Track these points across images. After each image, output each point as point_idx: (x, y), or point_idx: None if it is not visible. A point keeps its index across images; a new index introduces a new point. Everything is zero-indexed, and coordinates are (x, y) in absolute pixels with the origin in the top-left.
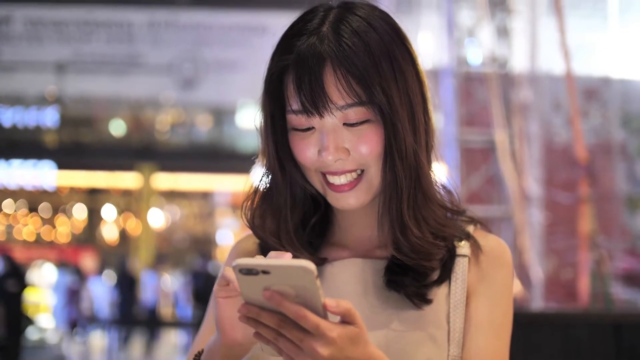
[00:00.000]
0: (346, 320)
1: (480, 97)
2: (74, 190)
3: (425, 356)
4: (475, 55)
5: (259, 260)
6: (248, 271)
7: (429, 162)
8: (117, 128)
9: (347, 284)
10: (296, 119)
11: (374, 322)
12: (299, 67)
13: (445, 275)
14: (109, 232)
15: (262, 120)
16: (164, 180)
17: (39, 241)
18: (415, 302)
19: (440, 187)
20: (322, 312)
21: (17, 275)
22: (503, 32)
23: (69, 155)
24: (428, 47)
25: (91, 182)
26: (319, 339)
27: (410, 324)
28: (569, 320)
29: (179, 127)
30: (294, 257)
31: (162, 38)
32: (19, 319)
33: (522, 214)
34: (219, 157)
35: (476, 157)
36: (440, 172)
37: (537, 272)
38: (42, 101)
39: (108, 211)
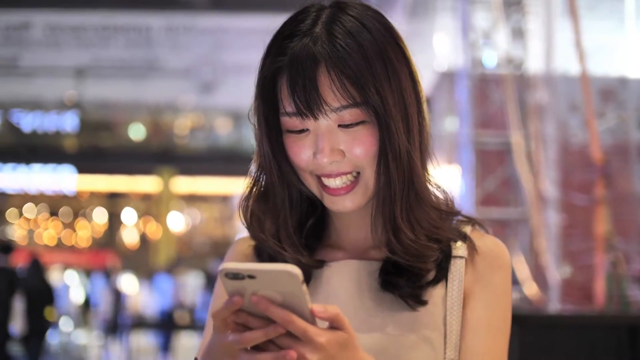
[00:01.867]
0: (335, 325)
1: (495, 99)
2: (94, 195)
3: (421, 359)
4: (491, 57)
5: (244, 265)
6: (234, 276)
7: (423, 163)
8: (137, 132)
9: (342, 286)
10: (290, 122)
11: (369, 324)
12: (293, 69)
13: (441, 275)
14: (129, 236)
15: (256, 123)
16: (184, 184)
17: (59, 245)
18: (410, 304)
19: (435, 188)
20: (310, 318)
21: (40, 277)
22: (518, 34)
23: (89, 159)
24: (443, 49)
25: (111, 186)
26: (308, 345)
27: (405, 327)
28: (584, 322)
29: (198, 131)
30: (296, 259)
31: (180, 42)
32: (42, 320)
33: (539, 216)
34: (239, 160)
35: (492, 159)
36: (447, 173)
37: (554, 274)
38: (61, 106)
39: (128, 215)
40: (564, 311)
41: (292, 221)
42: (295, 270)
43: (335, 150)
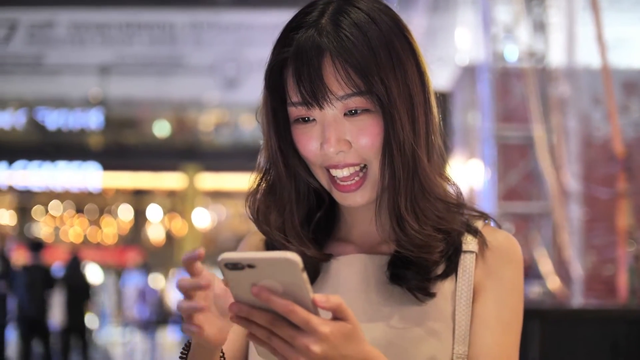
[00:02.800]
0: (338, 316)
1: (517, 92)
2: (119, 192)
3: (428, 353)
4: (512, 50)
5: (243, 254)
6: (233, 266)
7: (429, 154)
8: (161, 129)
9: (350, 280)
10: (297, 112)
11: (376, 317)
12: (298, 59)
13: (450, 270)
14: (155, 232)
15: (264, 115)
16: (209, 181)
17: (85, 242)
18: (418, 296)
19: (443, 179)
20: (313, 308)
21: (79, 273)
22: (540, 27)
23: (114, 156)
24: (465, 43)
25: (136, 183)
26: (311, 336)
27: (413, 320)
28: (607, 316)
29: (223, 127)
30: (302, 252)
31: (204, 39)
32: (81, 315)
33: (561, 210)
34: None
35: (514, 153)
36: (470, 167)
37: (577, 268)
38: (86, 104)
39: (153, 212)
40: (587, 305)
41: (298, 214)
42: (295, 257)
43: (341, 140)
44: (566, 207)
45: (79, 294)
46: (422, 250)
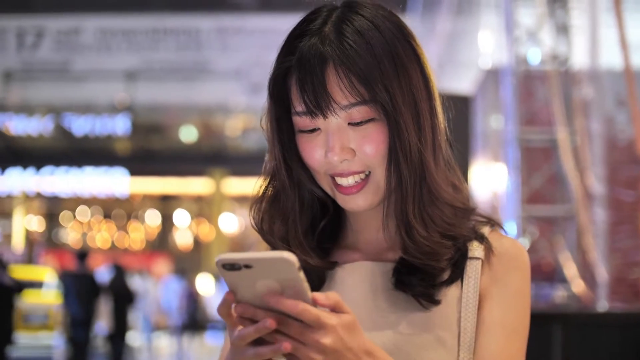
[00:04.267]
0: (337, 312)
1: (540, 95)
2: (146, 197)
3: (433, 359)
4: (535, 53)
5: (240, 255)
6: (231, 266)
7: (436, 160)
8: (188, 134)
9: (355, 288)
10: (301, 121)
11: (381, 324)
12: (301, 68)
13: (456, 275)
14: (182, 237)
15: (268, 124)
16: (235, 185)
17: (113, 248)
18: (423, 303)
19: (451, 185)
20: (312, 305)
21: (122, 280)
22: (563, 30)
23: (141, 162)
24: (488, 47)
25: (163, 189)
26: (320, 330)
27: (418, 326)
28: (632, 320)
29: (249, 132)
30: (305, 261)
31: (230, 44)
32: (125, 321)
33: (586, 213)
34: None
35: (537, 156)
36: (493, 171)
37: (602, 271)
38: (112, 109)
39: (180, 217)
40: (611, 309)
41: (301, 224)
42: (291, 257)
43: (345, 149)
44: (590, 210)
45: (121, 301)
46: (430, 257)
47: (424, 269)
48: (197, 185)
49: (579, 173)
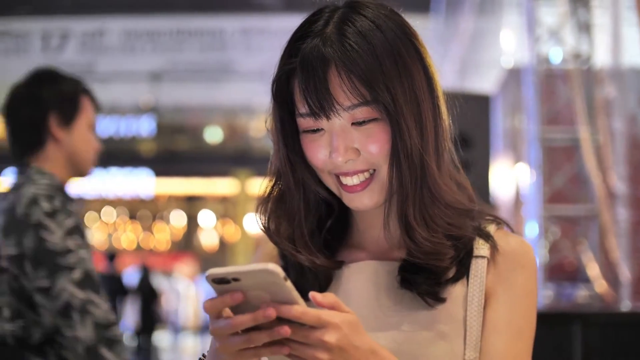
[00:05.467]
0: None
1: (562, 94)
2: (171, 198)
3: (439, 358)
4: (557, 52)
5: (227, 269)
6: (220, 280)
7: (439, 160)
8: (213, 135)
9: (361, 287)
10: (305, 122)
11: (386, 323)
12: (304, 70)
13: (461, 273)
14: (208, 238)
15: (273, 125)
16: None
17: (138, 249)
18: (428, 301)
19: (455, 185)
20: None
21: (148, 280)
22: (585, 28)
23: (166, 163)
24: (510, 46)
25: (188, 189)
26: (322, 328)
27: (422, 324)
28: None
29: None
30: (311, 261)
31: (254, 44)
32: (151, 319)
33: (608, 213)
34: None
35: (559, 156)
36: (515, 171)
37: (624, 271)
38: (137, 111)
39: (205, 218)
40: (634, 308)
41: (307, 224)
42: (276, 268)
43: (349, 149)
44: (613, 209)
45: (150, 300)
46: (432, 257)
47: (429, 267)
48: (222, 185)
49: (602, 172)
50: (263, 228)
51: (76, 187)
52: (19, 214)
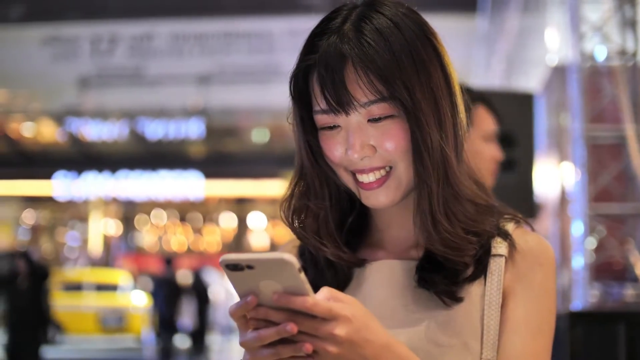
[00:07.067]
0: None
1: (607, 92)
2: (221, 200)
3: (457, 358)
4: (601, 49)
5: (243, 255)
6: (234, 267)
7: (458, 156)
8: (261, 136)
9: (379, 286)
10: (322, 118)
11: (404, 322)
12: (321, 66)
13: (479, 272)
14: (258, 239)
15: (294, 122)
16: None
17: (189, 251)
18: (446, 301)
19: (472, 181)
20: None
21: (201, 282)
22: (630, 25)
23: (215, 165)
24: (554, 44)
25: (238, 191)
26: (332, 321)
27: (441, 324)
28: None
29: None
30: (338, 256)
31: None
32: (203, 320)
33: None
34: None
35: (605, 154)
36: (561, 169)
37: None
38: (186, 113)
39: (255, 219)
40: None
41: (332, 219)
42: (291, 258)
43: (366, 146)
44: None
45: (204, 302)
46: (454, 251)
47: (447, 265)
48: (271, 187)
49: None
50: (287, 223)
51: (126, 189)
52: None
